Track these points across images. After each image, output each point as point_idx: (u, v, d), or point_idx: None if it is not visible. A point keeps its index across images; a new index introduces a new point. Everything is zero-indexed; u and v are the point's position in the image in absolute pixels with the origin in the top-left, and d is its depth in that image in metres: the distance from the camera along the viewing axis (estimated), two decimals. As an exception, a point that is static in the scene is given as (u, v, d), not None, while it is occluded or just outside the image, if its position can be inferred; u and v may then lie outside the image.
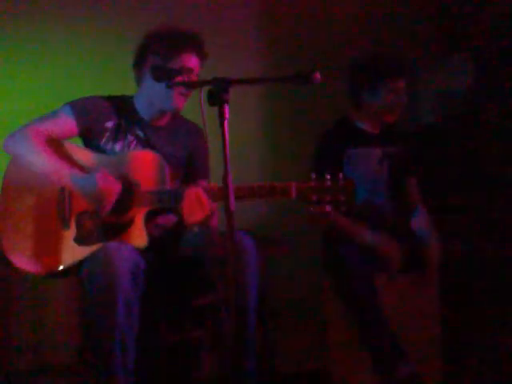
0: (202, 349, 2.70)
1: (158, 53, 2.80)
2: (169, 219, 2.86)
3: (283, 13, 3.97)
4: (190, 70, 2.80)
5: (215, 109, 2.25)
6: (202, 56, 2.85)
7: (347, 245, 3.16)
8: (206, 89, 2.27)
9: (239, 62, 3.75)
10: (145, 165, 2.74)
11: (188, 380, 2.89)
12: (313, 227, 3.29)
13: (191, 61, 2.81)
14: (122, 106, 2.88)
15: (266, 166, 3.89)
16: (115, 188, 2.66)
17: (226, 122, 2.23)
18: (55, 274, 2.70)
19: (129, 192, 2.69)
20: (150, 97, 2.87)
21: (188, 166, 2.96)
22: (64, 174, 2.68)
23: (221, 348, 2.69)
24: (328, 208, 2.56)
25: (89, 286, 2.58)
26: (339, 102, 3.59)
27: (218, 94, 2.24)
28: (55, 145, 2.76)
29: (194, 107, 2.28)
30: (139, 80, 2.89)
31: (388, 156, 3.36)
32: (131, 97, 2.92)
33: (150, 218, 2.71)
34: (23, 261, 2.70)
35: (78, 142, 2.89)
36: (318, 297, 3.37)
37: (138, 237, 2.66)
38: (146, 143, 2.87)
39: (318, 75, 2.30)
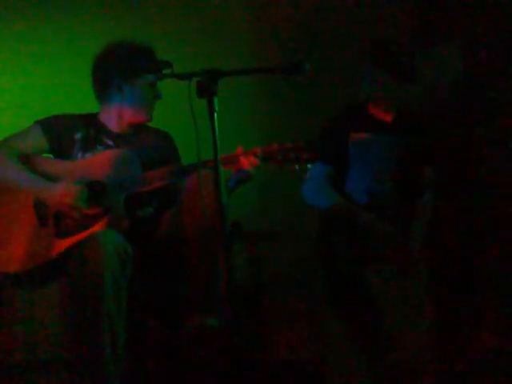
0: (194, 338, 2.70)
1: (125, 76, 2.91)
2: (147, 212, 2.92)
3: (274, 3, 3.95)
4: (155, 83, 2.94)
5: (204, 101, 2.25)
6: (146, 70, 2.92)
7: (340, 236, 3.15)
8: (194, 81, 2.26)
9: (229, 53, 3.75)
10: (117, 158, 2.84)
11: (178, 369, 2.90)
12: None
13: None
14: (88, 120, 2.99)
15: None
16: (70, 194, 2.73)
17: (215, 114, 2.23)
18: (40, 273, 2.74)
19: (101, 185, 2.78)
20: (119, 112, 2.97)
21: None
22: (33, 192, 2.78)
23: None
24: (296, 166, 2.71)
25: (76, 273, 2.60)
26: (330, 92, 3.59)
27: (206, 85, 2.23)
28: (26, 160, 2.86)
29: (182, 99, 2.25)
30: (104, 98, 2.98)
31: (399, 145, 3.31)
32: (95, 113, 3.02)
33: (129, 210, 2.78)
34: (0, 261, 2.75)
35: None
36: (311, 288, 3.37)
37: (119, 220, 2.74)
38: None
39: (307, 65, 2.29)
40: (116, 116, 2.99)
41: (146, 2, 3.75)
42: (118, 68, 2.92)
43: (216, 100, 2.23)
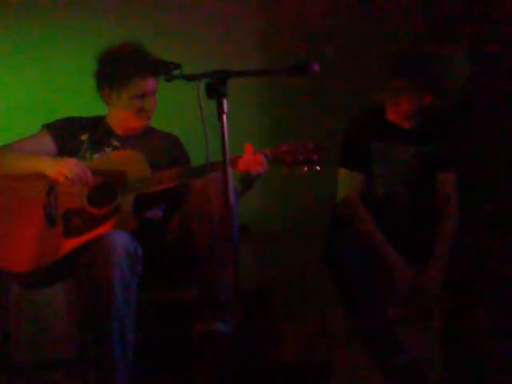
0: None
1: (110, 86, 2.91)
2: (156, 214, 2.92)
3: (282, 3, 3.94)
4: (145, 94, 2.91)
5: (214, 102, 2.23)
6: (155, 71, 2.88)
7: (348, 239, 3.14)
8: (203, 82, 2.26)
9: (237, 54, 3.74)
10: (125, 158, 2.85)
11: (187, 374, 2.90)
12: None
13: (147, 84, 2.91)
14: (95, 122, 3.01)
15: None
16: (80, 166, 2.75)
17: (224, 115, 2.22)
18: (46, 273, 2.75)
19: (110, 185, 2.78)
20: (119, 115, 2.98)
21: None
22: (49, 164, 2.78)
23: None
24: (305, 168, 2.69)
25: (86, 275, 2.59)
26: (338, 93, 3.58)
27: (216, 86, 2.23)
28: None
29: (192, 100, 2.25)
30: (106, 102, 2.98)
31: (419, 155, 3.26)
32: (103, 116, 3.04)
33: (137, 211, 2.77)
34: (8, 261, 2.76)
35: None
36: (320, 288, 3.36)
37: (128, 221, 2.72)
38: None
39: (316, 67, 2.28)
40: (119, 119, 3.00)
41: (152, 2, 3.74)
42: (104, 78, 2.94)
43: (225, 101, 2.23)
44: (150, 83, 2.91)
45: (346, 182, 3.25)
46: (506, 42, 3.67)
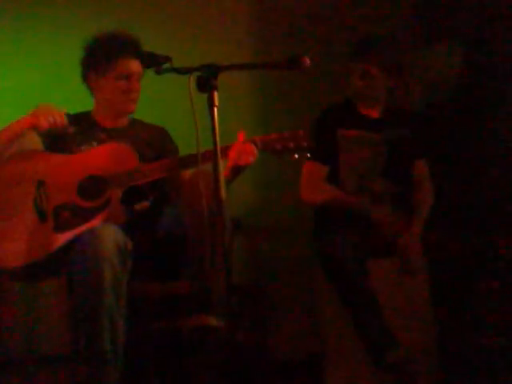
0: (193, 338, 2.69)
1: (96, 69, 2.93)
2: (144, 206, 2.91)
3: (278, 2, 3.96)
4: (131, 75, 2.92)
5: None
6: (140, 55, 2.88)
7: (339, 232, 3.15)
8: (194, 75, 2.26)
9: (229, 47, 3.75)
10: (113, 151, 2.84)
11: (179, 369, 2.90)
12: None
13: (132, 65, 2.92)
14: (81, 117, 3.01)
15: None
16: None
17: (215, 108, 2.22)
18: (38, 268, 2.73)
19: (99, 178, 2.78)
20: (104, 105, 2.99)
21: None
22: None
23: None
24: (295, 156, 2.68)
25: (77, 268, 2.59)
26: (330, 86, 3.58)
27: (207, 80, 2.23)
28: (24, 156, 2.88)
29: (183, 94, 2.25)
30: (92, 93, 3.01)
31: (388, 141, 3.30)
32: (89, 111, 3.04)
33: (125, 203, 2.77)
34: (0, 257, 2.74)
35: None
36: (312, 284, 3.37)
37: (117, 214, 2.73)
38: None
39: (307, 60, 2.28)
40: (104, 109, 3.01)
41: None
42: (90, 62, 2.95)
43: (216, 95, 2.22)
44: (134, 64, 2.93)
45: (308, 172, 3.29)
46: (502, 42, 3.68)
